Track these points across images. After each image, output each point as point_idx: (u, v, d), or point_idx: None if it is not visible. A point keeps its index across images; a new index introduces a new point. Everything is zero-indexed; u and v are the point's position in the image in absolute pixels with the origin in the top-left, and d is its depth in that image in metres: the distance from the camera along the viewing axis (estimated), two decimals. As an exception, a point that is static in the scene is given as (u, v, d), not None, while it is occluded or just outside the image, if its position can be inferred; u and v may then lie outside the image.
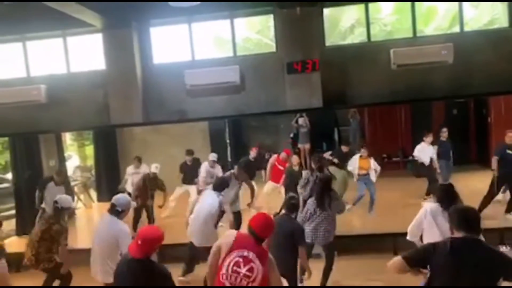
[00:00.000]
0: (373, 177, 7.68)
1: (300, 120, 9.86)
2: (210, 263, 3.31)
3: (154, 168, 7.77)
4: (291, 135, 10.47)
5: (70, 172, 10.11)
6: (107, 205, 4.66)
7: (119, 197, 4.55)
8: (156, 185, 7.76)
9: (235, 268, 3.11)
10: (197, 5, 7.16)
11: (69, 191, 7.61)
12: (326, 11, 8.39)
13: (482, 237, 2.84)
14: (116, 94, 8.43)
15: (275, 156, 8.26)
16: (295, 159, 7.77)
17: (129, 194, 8.03)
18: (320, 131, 8.89)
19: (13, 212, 8.71)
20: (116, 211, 4.45)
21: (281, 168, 7.89)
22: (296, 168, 7.53)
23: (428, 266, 2.74)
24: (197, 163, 8.19)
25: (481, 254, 2.65)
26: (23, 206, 8.30)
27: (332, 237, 5.49)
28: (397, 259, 2.82)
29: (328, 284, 5.59)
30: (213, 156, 7.96)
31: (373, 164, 7.76)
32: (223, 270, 3.15)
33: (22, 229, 8.15)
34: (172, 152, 8.18)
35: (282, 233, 4.38)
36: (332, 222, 5.47)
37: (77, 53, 8.91)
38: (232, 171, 7.17)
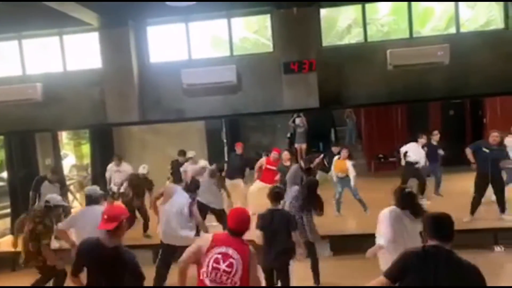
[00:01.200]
0: (352, 181, 7.65)
1: (297, 120, 9.89)
2: (184, 258, 3.29)
3: (142, 169, 7.71)
4: (288, 134, 10.52)
5: (66, 171, 10.10)
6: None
7: (89, 188, 4.87)
8: (144, 185, 7.65)
9: (214, 265, 3.16)
10: (194, 4, 7.17)
11: (64, 189, 7.58)
12: (323, 11, 8.40)
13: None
14: (112, 93, 8.42)
15: (265, 157, 8.26)
16: (285, 155, 7.76)
17: (113, 193, 8.04)
18: (317, 131, 8.93)
19: (8, 211, 8.70)
20: (92, 200, 4.70)
21: (273, 168, 7.88)
22: (287, 164, 7.53)
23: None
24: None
25: (452, 265, 2.62)
26: (19, 205, 8.27)
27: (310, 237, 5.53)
28: (380, 278, 2.78)
29: (324, 284, 5.61)
30: (192, 153, 7.98)
31: (350, 167, 7.72)
32: (204, 268, 3.20)
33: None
34: (169, 151, 8.18)
35: (277, 224, 4.65)
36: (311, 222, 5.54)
37: (73, 52, 8.87)
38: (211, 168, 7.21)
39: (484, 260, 6.26)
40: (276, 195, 4.88)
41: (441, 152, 8.13)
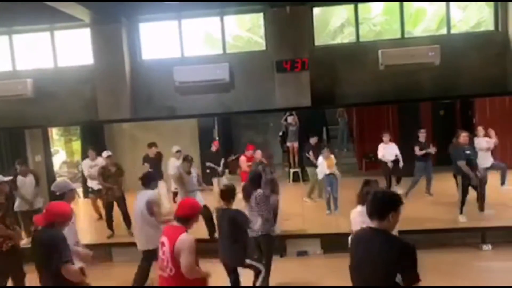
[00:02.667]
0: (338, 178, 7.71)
1: (289, 119, 9.89)
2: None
3: (105, 153, 7.44)
4: (280, 133, 10.51)
5: (56, 167, 10.01)
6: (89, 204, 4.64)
7: (55, 183, 4.58)
8: (115, 175, 7.36)
9: (160, 253, 3.43)
10: (187, 2, 7.15)
11: (38, 181, 7.41)
12: (316, 11, 8.44)
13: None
14: (104, 89, 8.37)
15: (242, 157, 8.18)
16: (258, 153, 7.75)
17: (94, 190, 7.91)
18: (309, 129, 8.91)
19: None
20: (56, 197, 4.32)
21: (248, 164, 7.86)
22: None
23: None
24: (159, 156, 7.96)
25: (379, 244, 2.55)
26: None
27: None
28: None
29: (314, 281, 5.65)
30: (175, 148, 7.80)
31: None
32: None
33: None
34: (160, 149, 8.12)
35: (225, 223, 4.53)
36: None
37: (64, 48, 8.81)
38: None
39: (472, 258, 6.41)
40: (225, 194, 4.66)
41: (429, 150, 8.19)
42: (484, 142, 7.16)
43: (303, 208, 8.03)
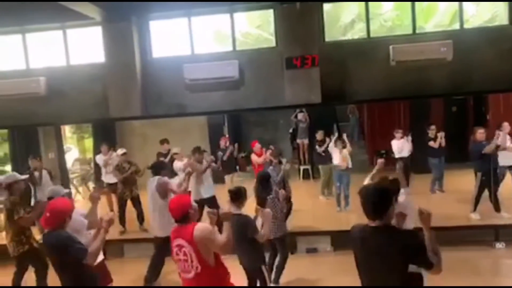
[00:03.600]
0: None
1: (300, 115, 9.88)
2: None
3: (119, 151, 7.65)
4: (290, 130, 10.51)
5: (69, 164, 10.15)
6: (103, 198, 4.70)
7: (51, 189, 4.60)
8: (128, 171, 7.52)
9: (177, 257, 3.40)
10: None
11: (51, 176, 7.68)
12: (326, 6, 8.37)
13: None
14: (115, 87, 8.44)
15: (252, 155, 8.24)
16: (268, 152, 7.78)
17: (108, 185, 8.02)
18: (319, 126, 8.89)
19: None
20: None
21: (261, 160, 7.91)
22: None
23: None
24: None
25: (381, 242, 2.53)
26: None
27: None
28: None
29: (323, 279, 5.64)
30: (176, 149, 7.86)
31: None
32: (175, 262, 3.47)
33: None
34: (171, 146, 8.17)
35: (236, 229, 4.11)
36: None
37: (76, 46, 8.90)
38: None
39: (485, 256, 6.33)
40: (234, 196, 4.48)
41: (431, 144, 8.10)
42: (508, 139, 7.02)
43: (313, 205, 8.02)
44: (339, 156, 7.74)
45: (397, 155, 8.21)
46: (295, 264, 5.64)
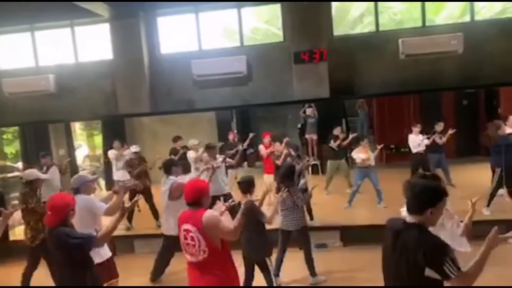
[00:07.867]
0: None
1: (308, 111, 9.83)
2: None
3: (133, 148, 7.85)
4: (299, 125, 10.46)
5: (79, 161, 10.25)
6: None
7: (74, 177, 4.71)
8: (143, 167, 7.74)
9: (184, 241, 3.40)
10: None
11: (61, 172, 7.92)
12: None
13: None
14: (123, 83, 8.47)
15: (260, 146, 8.21)
16: (277, 146, 7.76)
17: (118, 181, 8.08)
18: (328, 121, 8.85)
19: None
20: (75, 190, 4.50)
21: (269, 152, 7.90)
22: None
23: None
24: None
25: (407, 239, 2.45)
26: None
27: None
28: None
29: (336, 274, 5.61)
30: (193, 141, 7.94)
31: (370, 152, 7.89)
32: (182, 245, 3.47)
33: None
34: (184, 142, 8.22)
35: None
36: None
37: (85, 43, 8.94)
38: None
39: (497, 251, 6.21)
40: (243, 186, 4.59)
41: (436, 139, 8.01)
42: None
43: (322, 200, 7.99)
44: (364, 153, 7.73)
45: (414, 150, 8.08)
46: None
